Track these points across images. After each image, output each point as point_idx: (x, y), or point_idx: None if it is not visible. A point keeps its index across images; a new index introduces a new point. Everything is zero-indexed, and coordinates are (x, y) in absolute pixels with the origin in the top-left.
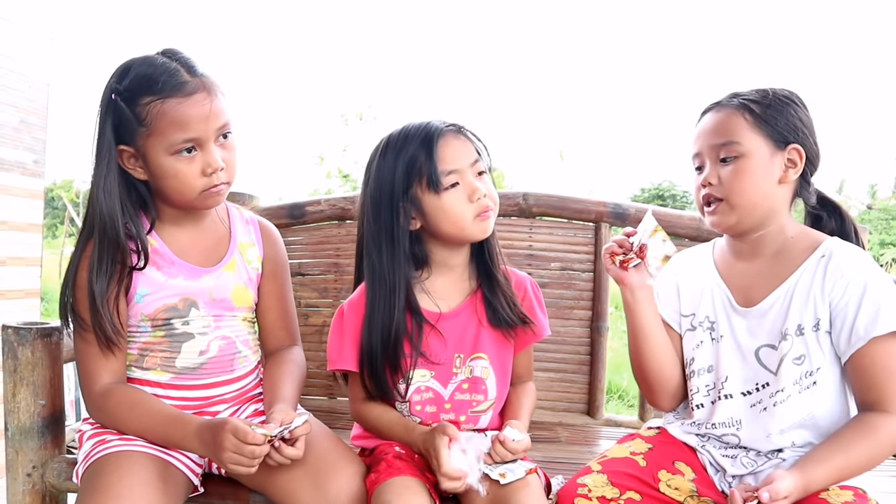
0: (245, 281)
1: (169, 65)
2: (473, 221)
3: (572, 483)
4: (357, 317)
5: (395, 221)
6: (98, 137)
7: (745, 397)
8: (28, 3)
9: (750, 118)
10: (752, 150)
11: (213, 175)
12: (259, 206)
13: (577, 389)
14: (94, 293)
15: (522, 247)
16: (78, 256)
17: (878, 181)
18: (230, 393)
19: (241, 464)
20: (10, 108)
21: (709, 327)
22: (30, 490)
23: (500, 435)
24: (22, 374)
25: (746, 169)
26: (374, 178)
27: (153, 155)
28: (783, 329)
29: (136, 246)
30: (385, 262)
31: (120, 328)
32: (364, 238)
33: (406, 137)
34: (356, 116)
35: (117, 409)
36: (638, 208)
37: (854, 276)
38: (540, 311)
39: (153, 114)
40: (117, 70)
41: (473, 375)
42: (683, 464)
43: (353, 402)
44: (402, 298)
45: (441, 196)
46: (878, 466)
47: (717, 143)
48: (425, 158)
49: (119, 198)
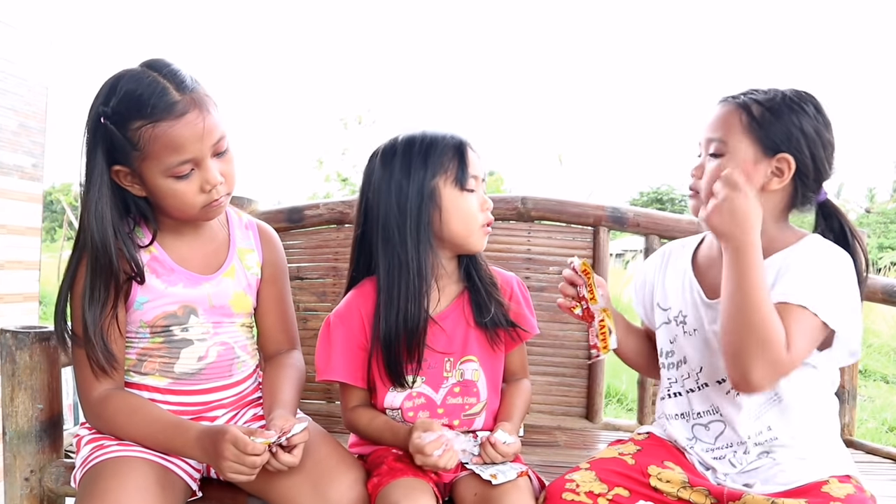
0: (244, 287)
1: (157, 83)
2: (480, 229)
3: (560, 480)
4: (344, 327)
5: (422, 210)
6: (87, 161)
7: (719, 385)
8: (28, 8)
9: (745, 119)
10: (735, 151)
11: (212, 190)
12: (258, 209)
13: (575, 393)
14: (87, 322)
15: (521, 251)
16: (72, 274)
17: (877, 185)
18: (228, 398)
19: (241, 472)
20: (8, 112)
21: (681, 321)
22: (28, 494)
23: (491, 437)
24: (20, 378)
25: (724, 167)
26: (401, 168)
27: (150, 177)
28: None
29: (129, 265)
30: (410, 247)
31: (114, 351)
32: (382, 227)
33: (435, 138)
34: (355, 120)
35: (116, 416)
36: (636, 212)
37: (809, 255)
38: (527, 309)
39: (145, 138)
40: (103, 89)
41: (464, 379)
42: (672, 462)
43: (345, 410)
44: (429, 282)
45: (463, 194)
46: (872, 468)
47: (710, 136)
48: (456, 157)
49: (111, 222)
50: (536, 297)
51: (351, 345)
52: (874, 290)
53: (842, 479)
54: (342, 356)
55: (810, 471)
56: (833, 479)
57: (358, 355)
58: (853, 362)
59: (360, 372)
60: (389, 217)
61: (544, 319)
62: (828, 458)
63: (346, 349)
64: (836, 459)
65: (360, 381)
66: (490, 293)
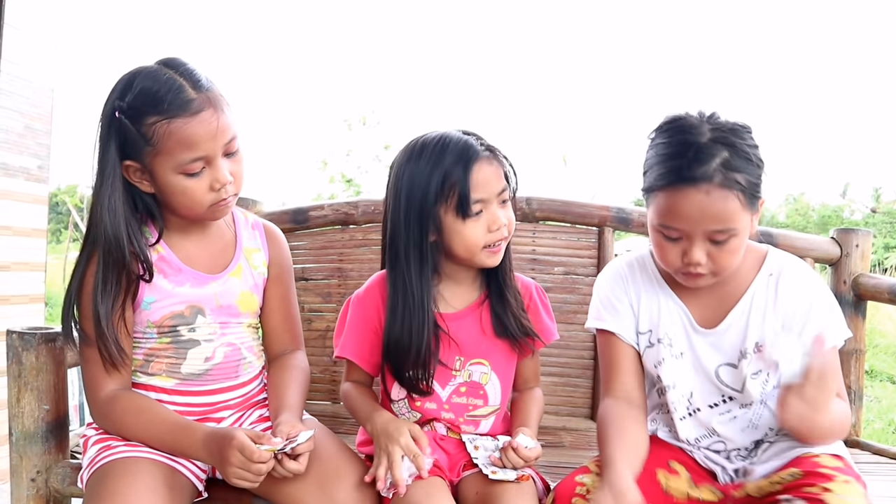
0: (251, 287)
1: (173, 80)
2: (483, 251)
3: (570, 480)
4: (361, 309)
5: (423, 236)
6: (101, 154)
7: (712, 409)
8: (33, 10)
9: (744, 199)
10: (744, 227)
11: (221, 189)
12: (262, 210)
13: (580, 394)
14: (99, 314)
15: (526, 251)
16: (81, 272)
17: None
18: (235, 399)
19: (246, 479)
20: (14, 114)
21: (668, 344)
22: (34, 495)
23: (514, 442)
24: (26, 380)
25: (738, 245)
26: (406, 183)
27: (160, 173)
28: (742, 348)
29: (139, 261)
30: (413, 276)
31: (124, 346)
32: (392, 240)
33: (444, 149)
34: (359, 121)
35: (123, 416)
36: (642, 213)
37: (802, 297)
38: (546, 316)
39: (159, 134)
40: (119, 84)
41: (472, 380)
42: (677, 463)
43: (343, 381)
44: (430, 315)
45: (465, 223)
46: (879, 469)
47: (713, 229)
48: (461, 180)
49: (124, 216)
50: None
51: (364, 328)
52: (880, 290)
53: (834, 456)
54: (354, 337)
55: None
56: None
57: (369, 338)
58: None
59: (368, 355)
60: (396, 236)
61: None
62: None
63: (359, 331)
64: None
65: (367, 364)
66: (508, 303)
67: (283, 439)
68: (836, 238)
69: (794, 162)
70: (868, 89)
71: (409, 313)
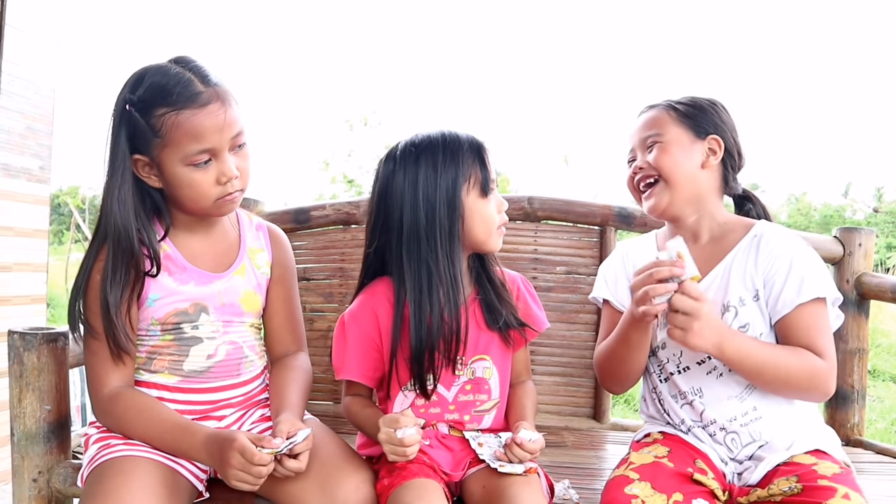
0: (254, 286)
1: (182, 75)
2: (497, 230)
3: (619, 494)
4: (359, 327)
5: (453, 219)
6: (111, 147)
7: (700, 366)
8: (34, 11)
9: (674, 114)
10: (673, 137)
11: (227, 184)
12: (264, 211)
13: (583, 394)
14: (108, 302)
15: (527, 251)
16: (90, 264)
17: (885, 184)
18: (237, 397)
19: (246, 481)
20: (16, 115)
21: None
22: (35, 495)
23: (517, 437)
24: (28, 380)
25: (668, 149)
26: (425, 178)
27: (168, 165)
28: (725, 302)
29: (148, 254)
30: (442, 257)
31: (131, 335)
32: (407, 238)
33: (457, 142)
34: (361, 122)
35: (125, 414)
36: (643, 212)
37: (782, 251)
38: (535, 305)
39: (168, 125)
40: (130, 79)
41: (476, 376)
42: (702, 461)
43: (344, 395)
44: (463, 290)
45: (485, 200)
46: (881, 469)
47: (645, 135)
48: (478, 164)
49: (133, 207)
50: (544, 297)
51: (366, 346)
52: (883, 289)
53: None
54: (356, 356)
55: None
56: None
57: (372, 356)
58: (838, 326)
59: (372, 372)
60: (417, 227)
61: (552, 319)
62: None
63: (361, 349)
64: (820, 437)
65: (371, 381)
66: (500, 295)
67: (282, 439)
68: (838, 237)
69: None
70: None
71: (445, 294)
